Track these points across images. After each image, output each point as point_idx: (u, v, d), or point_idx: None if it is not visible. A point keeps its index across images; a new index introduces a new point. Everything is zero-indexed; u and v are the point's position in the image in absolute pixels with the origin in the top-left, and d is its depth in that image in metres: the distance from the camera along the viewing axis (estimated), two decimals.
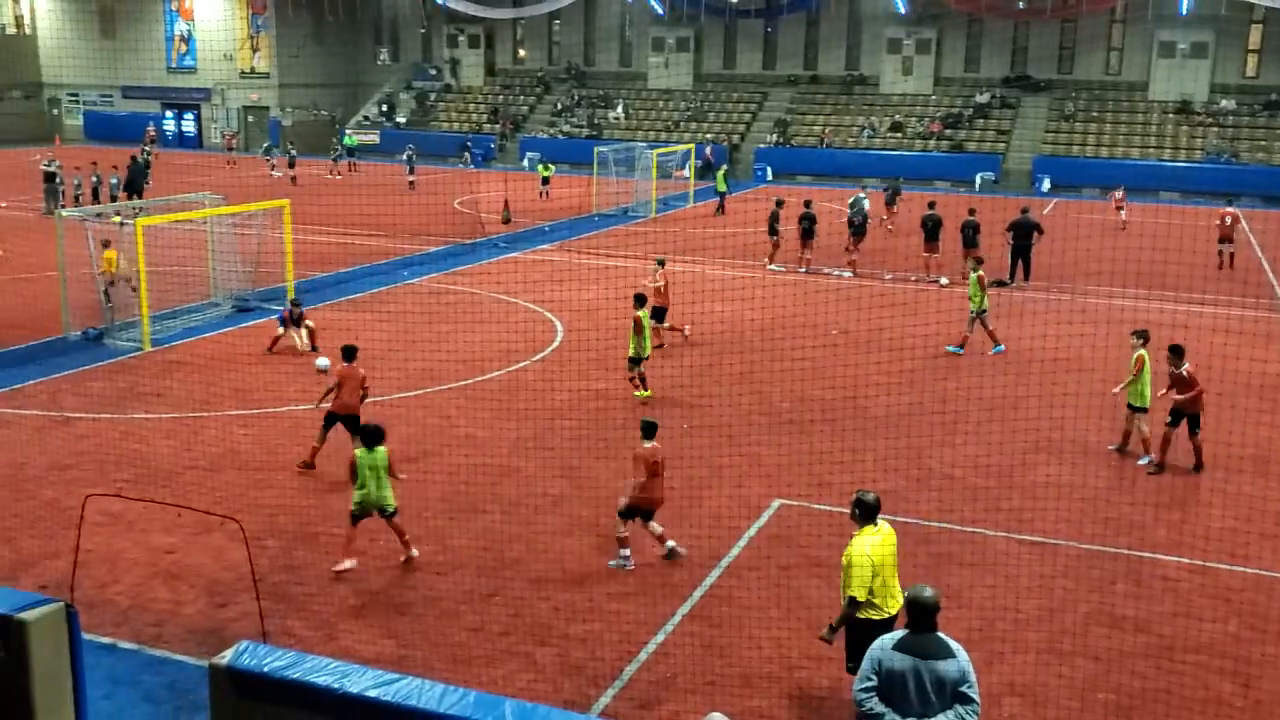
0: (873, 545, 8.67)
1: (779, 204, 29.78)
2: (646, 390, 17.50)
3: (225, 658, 6.81)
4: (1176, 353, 14.82)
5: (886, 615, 8.69)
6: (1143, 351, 15.22)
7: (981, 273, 20.93)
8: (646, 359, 17.65)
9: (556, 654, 9.94)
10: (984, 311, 20.70)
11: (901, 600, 8.56)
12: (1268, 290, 27.47)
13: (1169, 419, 14.84)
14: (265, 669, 6.67)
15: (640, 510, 11.75)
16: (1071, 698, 9.51)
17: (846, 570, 8.68)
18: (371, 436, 11.67)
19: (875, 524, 8.83)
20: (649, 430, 11.78)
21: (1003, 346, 20.53)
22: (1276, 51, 51.40)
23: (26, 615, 7.14)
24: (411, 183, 44.63)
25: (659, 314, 20.21)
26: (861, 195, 32.29)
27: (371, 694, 6.41)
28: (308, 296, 24.06)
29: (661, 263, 21.55)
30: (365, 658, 9.48)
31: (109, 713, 8.86)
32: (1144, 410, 15.13)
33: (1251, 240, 34.88)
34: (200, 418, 16.35)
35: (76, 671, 7.46)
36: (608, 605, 10.89)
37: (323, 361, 17.28)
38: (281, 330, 19.91)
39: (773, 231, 28.94)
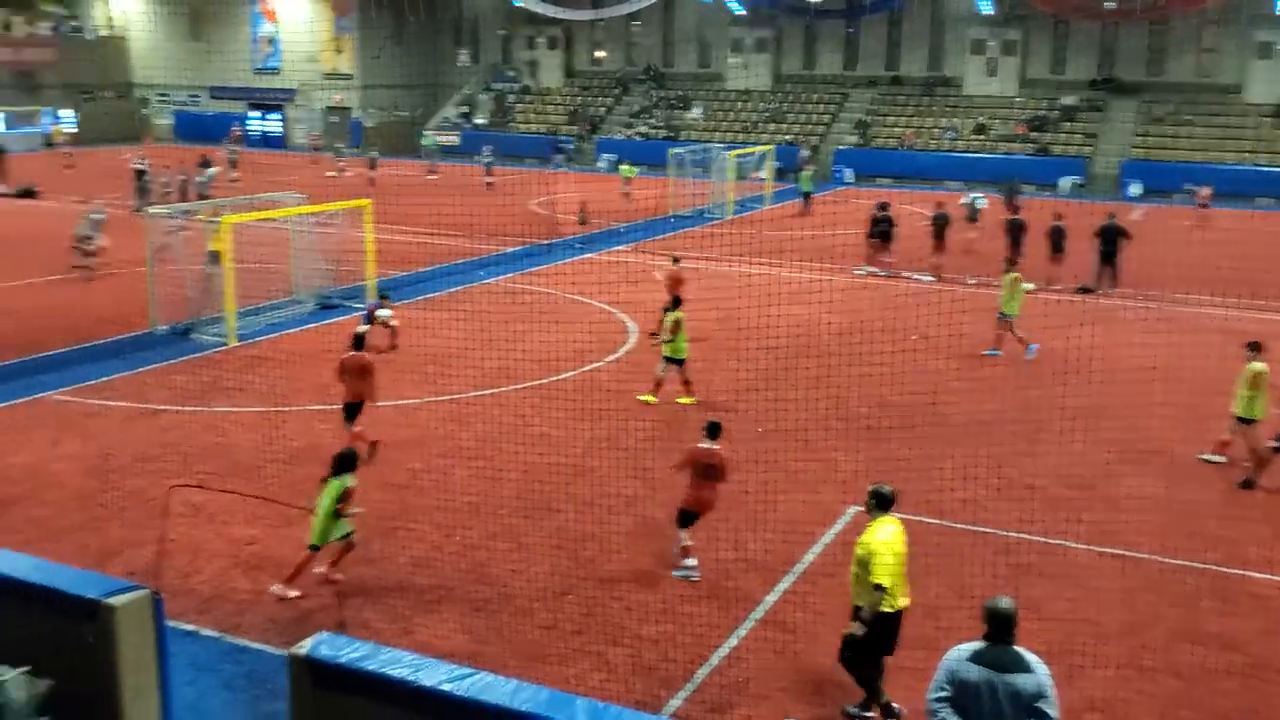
0: (890, 535, 8.87)
1: (881, 207, 29.51)
2: (653, 397, 17.40)
3: (304, 648, 6.91)
4: None
5: (897, 608, 8.84)
6: (1259, 365, 14.70)
7: (1016, 274, 20.77)
8: (682, 362, 17.45)
9: (628, 654, 9.94)
10: (1006, 316, 20.65)
11: (907, 596, 8.94)
12: None
13: (1275, 441, 14.34)
14: (342, 660, 6.76)
15: (688, 513, 11.55)
16: (1153, 715, 9.28)
17: (867, 561, 8.77)
18: (338, 463, 11.10)
19: (889, 516, 9.01)
20: (713, 431, 11.57)
21: (1035, 347, 20.55)
22: None
23: (114, 601, 7.33)
24: (489, 184, 45.03)
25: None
26: (978, 196, 32.07)
27: (445, 688, 6.46)
28: (388, 296, 24.39)
29: (676, 260, 22.33)
30: (440, 652, 9.56)
31: (191, 699, 9.05)
32: (1252, 422, 14.67)
33: None
34: (282, 412, 16.64)
35: (161, 657, 7.63)
36: (680, 607, 10.87)
37: (385, 313, 19.08)
38: (365, 326, 20.16)
39: (876, 234, 28.66)
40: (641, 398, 17.38)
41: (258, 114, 66.51)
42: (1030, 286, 26.64)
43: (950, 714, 6.69)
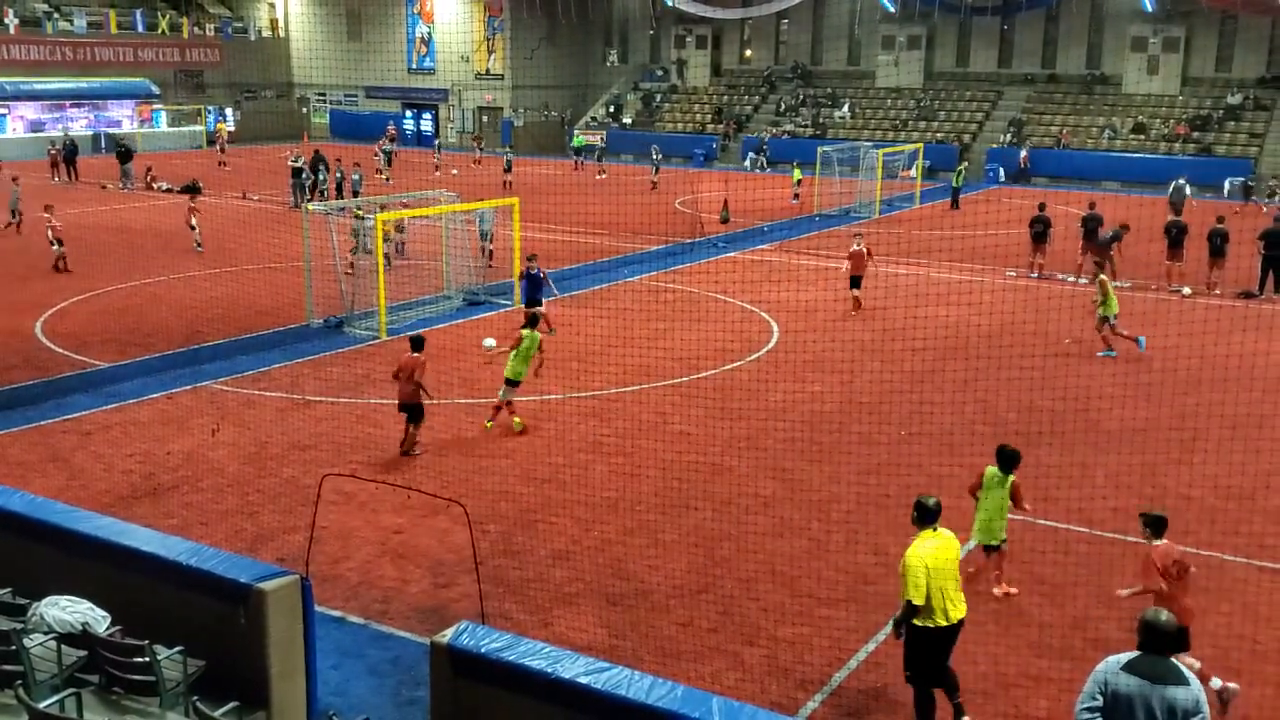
0: (928, 550, 8.59)
1: (1041, 207, 28.71)
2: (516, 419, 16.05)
3: (446, 636, 7.10)
4: None
5: (944, 624, 8.58)
6: None
7: (1104, 276, 20.57)
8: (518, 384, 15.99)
9: (764, 655, 9.90)
10: (1106, 319, 20.15)
11: (963, 609, 8.68)
12: None
13: None
14: (483, 649, 6.92)
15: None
16: None
17: (902, 575, 8.59)
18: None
19: (934, 529, 8.76)
20: (1158, 526, 9.44)
21: (1115, 353, 20.18)
22: None
23: (266, 585, 7.65)
24: (654, 183, 45.39)
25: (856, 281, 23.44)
26: (1183, 181, 31.17)
27: (582, 680, 6.56)
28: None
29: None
30: (577, 645, 9.69)
31: (336, 683, 9.37)
32: None
33: None
34: (429, 404, 17.09)
35: (308, 641, 7.93)
36: (817, 610, 10.78)
37: (489, 342, 18.69)
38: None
39: (1032, 235, 27.93)
40: None
41: (411, 113, 68.38)
42: (1187, 291, 25.59)
43: None
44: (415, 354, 14.94)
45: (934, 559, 8.57)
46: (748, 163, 55.22)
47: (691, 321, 20.92)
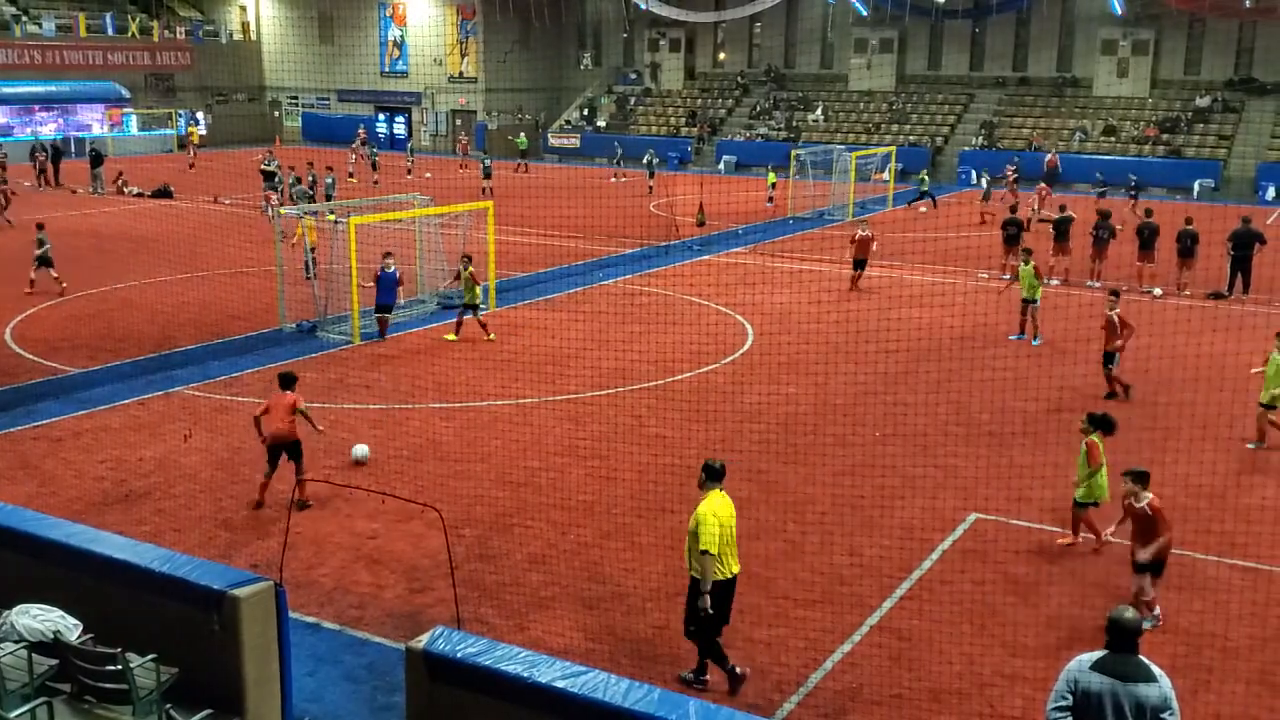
0: (718, 506, 9.24)
1: (1013, 209, 29.01)
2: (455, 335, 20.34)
3: (421, 642, 7.08)
4: None
5: (729, 575, 9.26)
6: None
7: (1035, 264, 21.32)
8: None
9: (741, 657, 9.90)
10: (1033, 302, 21.19)
11: (737, 567, 9.37)
12: None
13: None
14: (458, 654, 6.90)
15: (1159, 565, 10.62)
16: None
17: (696, 530, 9.15)
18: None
19: (719, 489, 9.36)
20: (1144, 479, 10.69)
21: (1040, 339, 21.17)
22: None
23: (239, 591, 7.60)
24: (651, 187, 45.25)
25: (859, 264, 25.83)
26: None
27: (559, 684, 6.55)
28: (508, 295, 24.79)
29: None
30: (553, 649, 9.69)
31: (312, 689, 9.32)
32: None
33: None
34: (404, 409, 17.05)
35: (283, 647, 7.89)
36: (793, 612, 10.81)
37: (361, 450, 14.78)
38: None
39: (1005, 238, 28.10)
40: None
41: (384, 117, 68.14)
42: (1158, 292, 25.82)
43: None
44: (285, 392, 13.26)
45: (723, 514, 9.21)
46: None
47: (667, 324, 20.94)
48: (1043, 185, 38.77)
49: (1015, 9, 54.95)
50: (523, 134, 58.82)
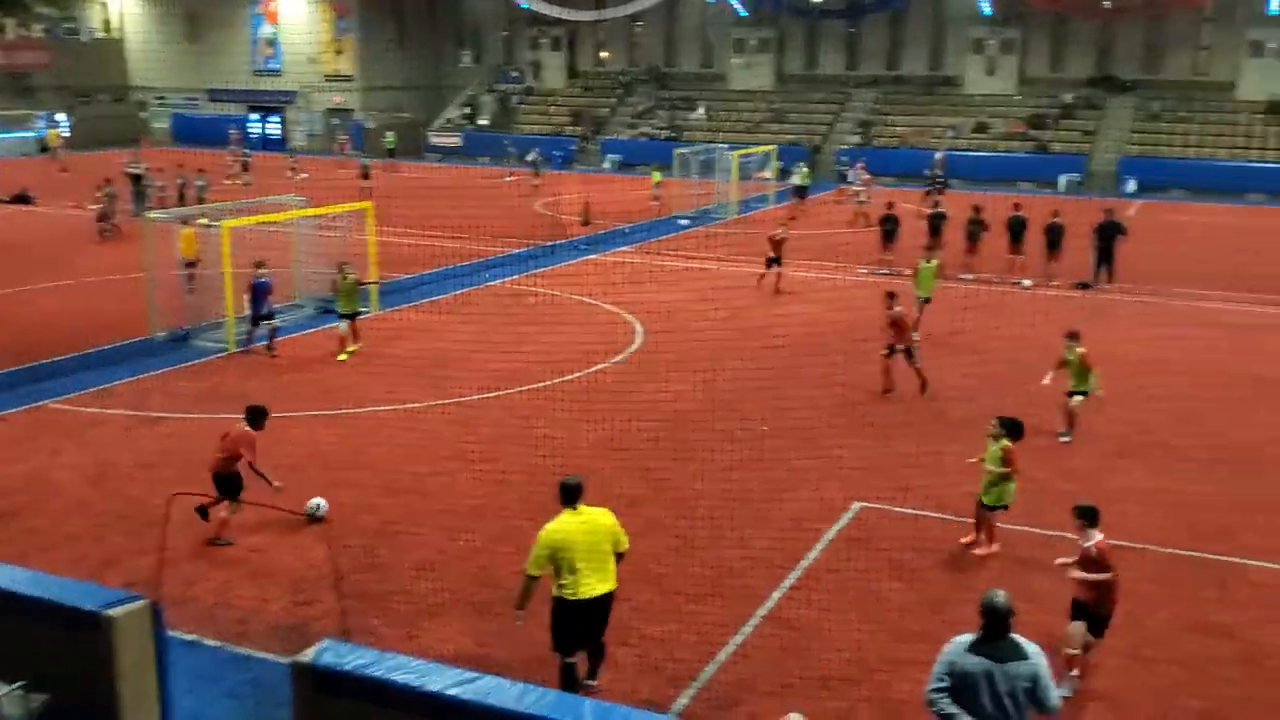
0: (558, 527, 8.91)
1: (889, 206, 29.56)
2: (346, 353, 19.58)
3: (308, 655, 6.90)
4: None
5: (577, 597, 8.87)
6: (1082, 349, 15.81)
7: (937, 263, 21.83)
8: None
9: (635, 654, 9.93)
10: (927, 300, 21.57)
11: (607, 586, 8.97)
12: None
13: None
14: (347, 667, 6.75)
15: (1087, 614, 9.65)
16: (1156, 704, 9.31)
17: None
18: None
19: (575, 508, 9.04)
20: (1093, 517, 9.78)
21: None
22: None
23: (113, 612, 7.31)
24: (536, 186, 45.21)
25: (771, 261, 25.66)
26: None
27: (451, 692, 6.46)
28: (391, 299, 24.40)
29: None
30: (445, 656, 9.56)
31: (192, 709, 9.03)
32: (1085, 395, 15.92)
33: None
34: (284, 418, 16.63)
35: (161, 668, 7.61)
36: (685, 606, 10.87)
37: (317, 504, 13.05)
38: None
39: (883, 233, 28.70)
40: None
41: (257, 116, 66.52)
42: (1028, 283, 26.67)
43: (949, 704, 6.81)
44: (249, 429, 12.67)
45: (562, 535, 8.87)
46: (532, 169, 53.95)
47: (555, 325, 20.88)
48: (866, 175, 39.92)
49: (888, 9, 56.26)
50: (390, 133, 57.96)
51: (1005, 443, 12.06)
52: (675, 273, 28.14)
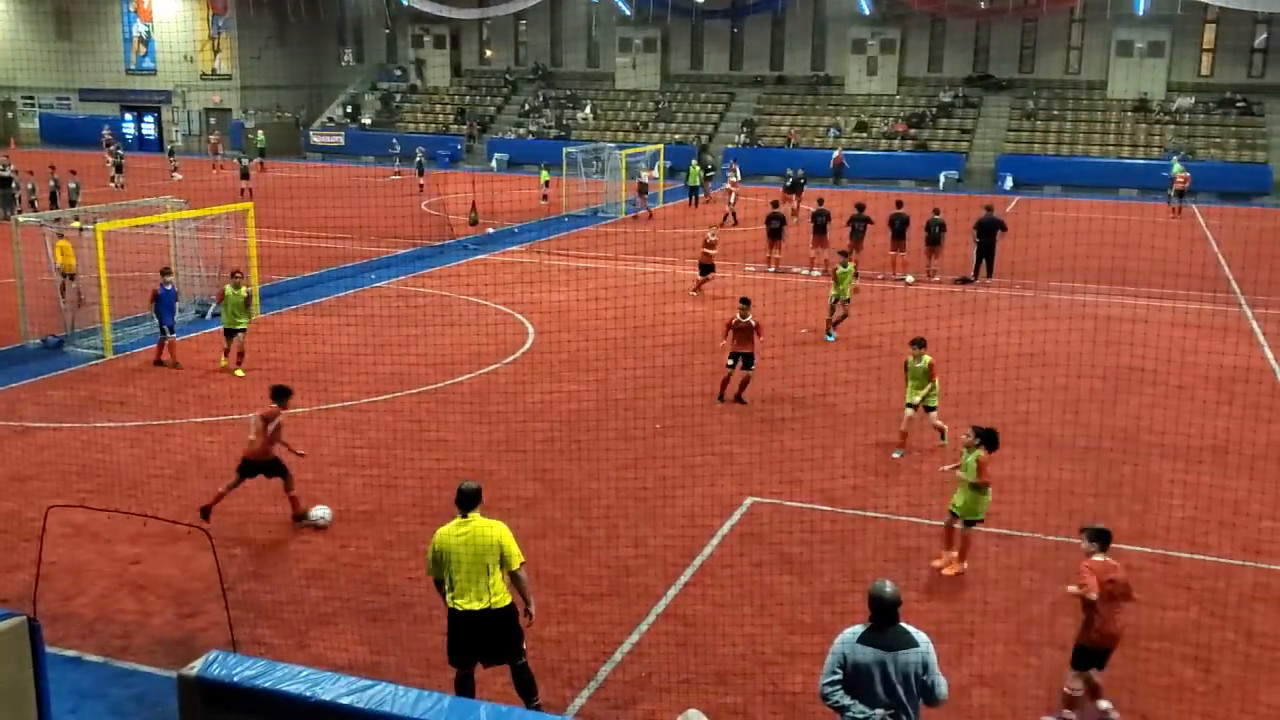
0: (445, 533, 8.57)
1: (774, 205, 29.90)
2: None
3: (194, 668, 6.72)
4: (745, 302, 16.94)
5: (459, 607, 8.46)
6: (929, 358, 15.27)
7: (852, 267, 21.93)
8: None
9: (531, 656, 9.87)
10: (844, 300, 21.63)
11: (482, 603, 8.45)
12: (1223, 285, 27.80)
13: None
14: (235, 679, 6.60)
15: (1093, 652, 9.00)
16: (1039, 687, 9.60)
17: None
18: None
19: (465, 516, 8.60)
20: (1103, 539, 9.06)
21: (834, 336, 21.69)
22: (1230, 50, 52.07)
23: None
24: (421, 185, 44.64)
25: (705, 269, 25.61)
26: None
27: (344, 701, 6.35)
28: (273, 301, 23.89)
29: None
30: (337, 665, 9.40)
31: None
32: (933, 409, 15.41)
33: (1208, 236, 35.36)
34: (165, 425, 16.17)
35: (40, 686, 7.33)
36: (582, 607, 10.87)
37: (320, 514, 12.83)
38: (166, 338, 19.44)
39: (770, 232, 29.04)
40: None
41: (131, 116, 64.44)
42: (910, 279, 27.33)
43: (842, 695, 6.91)
44: (275, 405, 12.74)
45: (442, 543, 8.54)
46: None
47: (445, 326, 20.68)
48: (735, 177, 40.26)
49: (770, 9, 57.06)
50: (260, 131, 56.79)
51: (980, 453, 11.54)
52: (566, 272, 28.12)
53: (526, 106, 60.56)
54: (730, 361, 17.34)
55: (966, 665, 9.81)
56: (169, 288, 19.55)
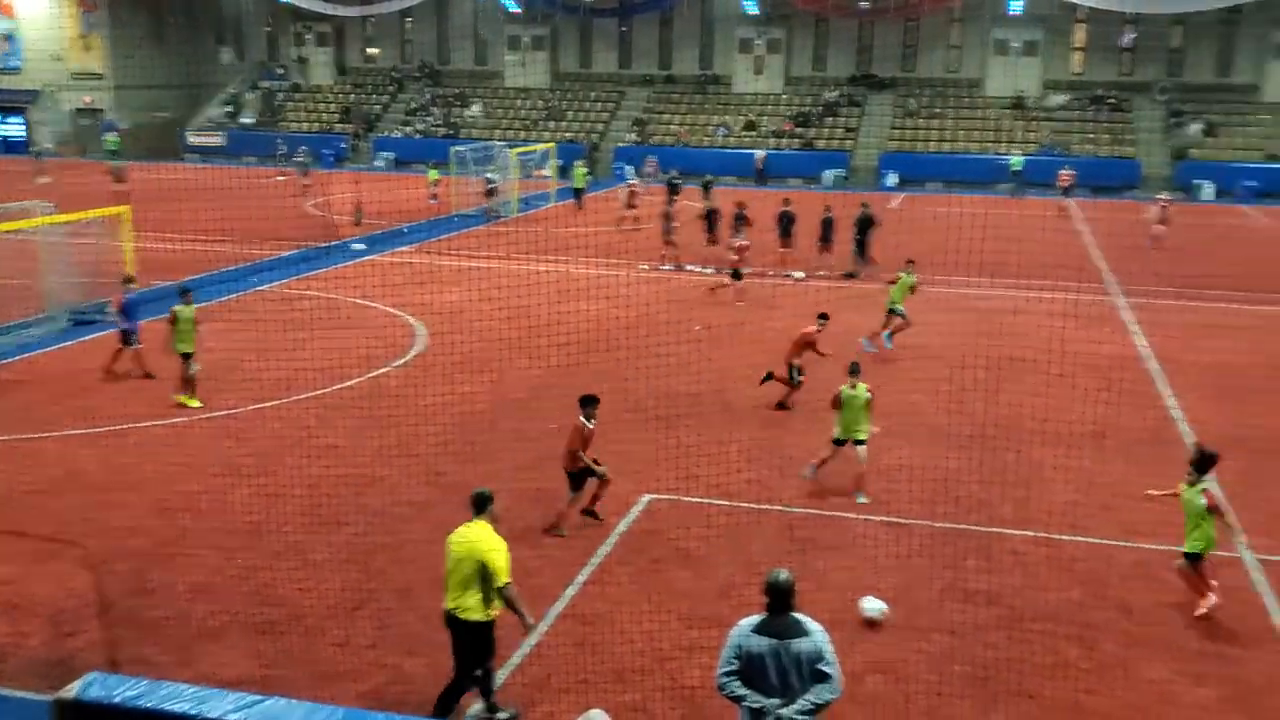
0: (455, 534, 8.84)
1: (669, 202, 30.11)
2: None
3: (72, 690, 6.47)
4: None
5: (444, 604, 8.83)
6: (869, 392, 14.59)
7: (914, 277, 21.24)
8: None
9: (426, 664, 9.74)
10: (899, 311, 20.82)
11: (450, 605, 8.73)
12: (1097, 275, 28.81)
13: None
14: (115, 699, 6.38)
15: None
16: (930, 671, 9.80)
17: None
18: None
19: (470, 521, 8.88)
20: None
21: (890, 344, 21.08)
22: (1100, 50, 54.07)
23: None
24: (306, 186, 43.74)
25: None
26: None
27: (232, 717, 6.20)
28: (151, 307, 23.10)
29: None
30: (226, 680, 9.13)
31: None
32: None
33: (1080, 229, 36.61)
34: (37, 439, 15.53)
35: None
36: None
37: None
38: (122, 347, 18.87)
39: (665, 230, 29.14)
40: None
41: None
42: (799, 275, 27.72)
43: (738, 686, 6.97)
44: (583, 421, 12.80)
45: (448, 541, 8.84)
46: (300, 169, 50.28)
47: (332, 329, 20.25)
48: (636, 178, 40.41)
49: (658, 9, 57.34)
50: (113, 134, 55.06)
51: (1205, 486, 10.89)
52: (458, 272, 27.82)
53: (413, 105, 59.82)
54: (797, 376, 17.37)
55: (859, 652, 9.97)
56: (134, 295, 18.86)
